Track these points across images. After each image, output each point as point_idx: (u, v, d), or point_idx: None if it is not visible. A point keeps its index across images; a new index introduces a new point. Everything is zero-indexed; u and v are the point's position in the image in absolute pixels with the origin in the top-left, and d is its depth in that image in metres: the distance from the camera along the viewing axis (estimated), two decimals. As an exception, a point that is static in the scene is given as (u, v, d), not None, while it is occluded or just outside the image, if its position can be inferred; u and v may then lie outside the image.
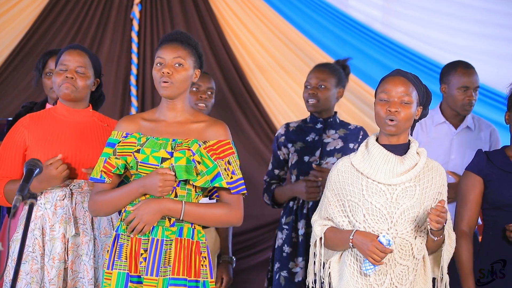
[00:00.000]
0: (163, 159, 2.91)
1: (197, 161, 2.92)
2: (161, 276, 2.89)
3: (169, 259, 2.90)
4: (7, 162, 3.36)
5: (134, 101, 5.56)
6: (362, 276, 2.98)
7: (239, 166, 3.01)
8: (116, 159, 2.95)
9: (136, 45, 5.59)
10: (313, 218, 3.13)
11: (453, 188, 3.67)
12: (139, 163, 2.92)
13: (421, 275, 3.03)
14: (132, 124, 3.01)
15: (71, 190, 3.29)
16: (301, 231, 4.03)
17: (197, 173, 2.92)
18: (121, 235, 2.95)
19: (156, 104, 5.31)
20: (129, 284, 2.90)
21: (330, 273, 3.07)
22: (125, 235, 2.94)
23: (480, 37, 5.39)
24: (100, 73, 3.47)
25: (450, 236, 3.03)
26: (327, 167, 4.02)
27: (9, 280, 3.23)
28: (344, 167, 3.06)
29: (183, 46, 2.99)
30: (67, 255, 3.25)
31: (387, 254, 2.89)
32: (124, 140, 2.97)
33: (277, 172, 4.20)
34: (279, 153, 4.18)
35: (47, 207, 3.27)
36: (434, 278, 3.09)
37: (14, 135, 3.37)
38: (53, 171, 3.20)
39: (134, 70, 5.58)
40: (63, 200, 3.27)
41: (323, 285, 3.11)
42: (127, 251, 2.93)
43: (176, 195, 2.94)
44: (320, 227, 3.07)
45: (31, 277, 3.22)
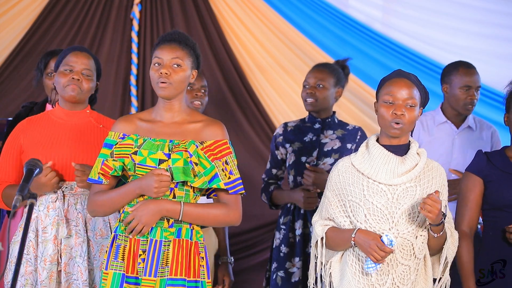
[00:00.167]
0: (161, 161, 2.90)
1: (194, 163, 2.91)
2: (159, 276, 2.90)
3: (167, 260, 2.91)
4: (5, 166, 3.38)
5: (134, 101, 5.56)
6: (364, 276, 2.98)
7: (237, 165, 3.01)
8: (113, 161, 2.95)
9: (136, 45, 5.59)
10: (313, 218, 3.13)
11: (456, 184, 3.67)
12: (137, 165, 2.92)
13: (422, 275, 3.03)
14: (129, 124, 3.01)
15: (63, 192, 3.29)
16: (298, 231, 4.04)
17: (195, 175, 2.92)
18: (119, 235, 2.95)
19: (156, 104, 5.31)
20: (125, 285, 2.90)
21: (331, 273, 3.07)
22: (123, 236, 2.94)
23: (480, 37, 5.39)
24: (100, 77, 3.48)
25: (452, 235, 3.03)
26: (323, 167, 4.03)
27: (7, 282, 3.23)
28: (344, 167, 3.06)
29: (181, 46, 2.99)
30: (60, 257, 3.25)
31: (388, 253, 2.88)
32: (121, 141, 2.97)
33: (274, 171, 4.21)
34: (277, 152, 4.19)
35: (41, 209, 3.27)
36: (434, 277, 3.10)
37: (12, 139, 3.39)
38: (42, 178, 3.19)
39: (134, 70, 5.58)
40: (56, 202, 3.27)
41: (323, 285, 3.11)
42: (124, 251, 2.93)
43: (174, 196, 2.94)
44: (321, 227, 3.06)
45: (25, 279, 3.22)
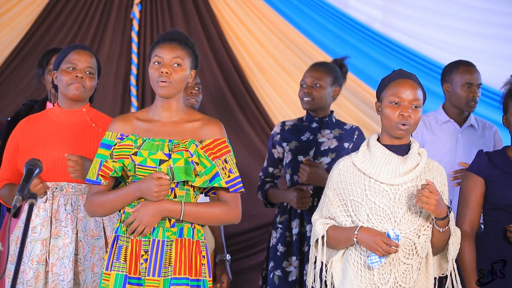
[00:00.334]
0: (161, 161, 2.90)
1: (195, 162, 2.92)
2: (163, 276, 2.89)
3: (170, 259, 2.90)
4: (5, 164, 3.40)
5: (134, 101, 5.56)
6: (366, 275, 2.98)
7: (236, 164, 3.01)
8: (113, 162, 2.93)
9: (136, 45, 5.59)
10: (313, 217, 3.13)
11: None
12: (137, 166, 2.91)
13: (423, 273, 3.03)
14: (126, 124, 2.99)
15: (53, 193, 3.29)
16: (295, 230, 4.04)
17: (196, 174, 2.92)
18: (121, 236, 2.94)
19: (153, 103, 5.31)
20: (127, 286, 2.89)
21: (332, 272, 3.07)
22: (125, 237, 2.93)
23: (480, 37, 5.40)
24: (99, 76, 3.49)
25: (455, 232, 3.04)
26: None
27: (5, 280, 3.24)
28: (346, 166, 3.06)
29: (181, 46, 2.99)
30: (48, 257, 3.24)
31: (395, 248, 2.88)
32: (120, 142, 2.95)
33: (271, 170, 4.21)
34: (273, 151, 4.19)
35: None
36: (435, 277, 3.10)
37: (11, 138, 3.41)
38: None
39: (134, 70, 5.58)
40: (45, 202, 3.28)
41: (321, 285, 3.11)
42: (126, 252, 2.92)
43: (175, 196, 2.94)
44: (322, 226, 3.06)
45: (18, 278, 3.21)
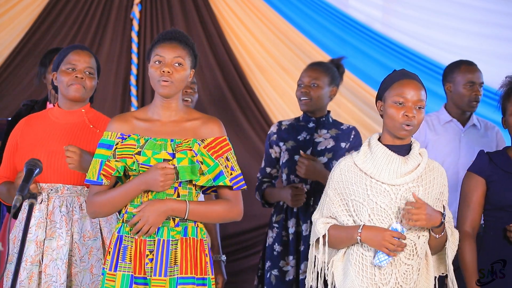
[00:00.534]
0: (165, 161, 2.90)
1: (200, 161, 2.92)
2: (169, 276, 2.89)
3: (176, 259, 2.91)
4: (4, 163, 3.41)
5: (134, 101, 5.56)
6: (367, 275, 2.98)
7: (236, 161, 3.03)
8: (116, 161, 2.93)
9: (136, 45, 5.59)
10: (313, 216, 3.13)
11: None
12: (140, 165, 2.91)
13: (424, 274, 3.03)
14: (125, 124, 2.98)
15: (48, 194, 3.29)
16: (291, 230, 4.04)
17: (202, 173, 2.92)
18: (125, 236, 2.94)
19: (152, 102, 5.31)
20: (134, 286, 2.89)
21: (333, 272, 3.07)
22: (128, 237, 2.93)
23: (480, 37, 5.40)
24: (99, 76, 3.48)
25: (453, 234, 3.04)
26: None
27: (4, 280, 3.24)
28: (347, 166, 3.06)
29: (182, 46, 2.98)
30: (42, 258, 3.24)
31: (403, 243, 2.89)
32: (122, 142, 2.95)
33: (269, 170, 4.21)
34: (271, 151, 4.19)
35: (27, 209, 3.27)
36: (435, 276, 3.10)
37: (11, 136, 3.42)
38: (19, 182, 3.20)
39: (134, 70, 5.58)
40: (41, 203, 3.28)
41: (319, 284, 3.11)
42: (131, 252, 2.92)
43: (178, 195, 2.94)
44: (323, 225, 3.06)
45: (9, 279, 3.23)
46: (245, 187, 3.01)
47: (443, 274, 3.10)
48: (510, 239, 3.27)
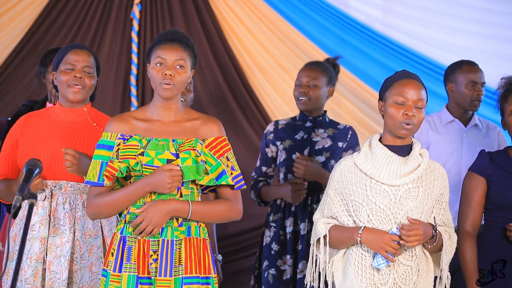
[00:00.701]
0: (169, 161, 2.90)
1: (204, 161, 2.92)
2: (174, 276, 2.89)
3: (180, 258, 2.91)
4: (3, 160, 3.39)
5: (134, 101, 5.56)
6: (366, 275, 2.98)
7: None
8: (119, 162, 2.92)
9: (136, 45, 5.59)
10: (314, 216, 3.14)
11: None
12: (144, 166, 2.90)
13: (424, 274, 3.03)
14: (125, 124, 2.97)
15: (51, 191, 3.29)
16: (289, 229, 4.04)
17: (206, 173, 2.93)
18: (128, 237, 2.93)
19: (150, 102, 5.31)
20: (139, 286, 2.88)
21: (333, 272, 3.07)
22: (132, 237, 2.92)
23: (480, 37, 5.40)
24: (99, 73, 3.48)
25: (451, 237, 3.05)
26: None
27: (4, 278, 3.24)
28: (347, 166, 3.06)
29: (183, 47, 2.98)
30: (46, 255, 3.24)
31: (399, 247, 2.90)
32: (125, 142, 2.93)
33: (264, 169, 4.21)
34: (267, 150, 4.19)
35: None
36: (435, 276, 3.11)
37: (11, 133, 3.41)
38: None
39: (134, 70, 5.58)
40: (44, 200, 3.28)
41: (320, 284, 3.11)
42: (135, 253, 2.91)
43: (181, 195, 2.94)
44: (324, 225, 3.06)
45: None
46: (245, 186, 3.02)
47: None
48: (510, 238, 3.27)
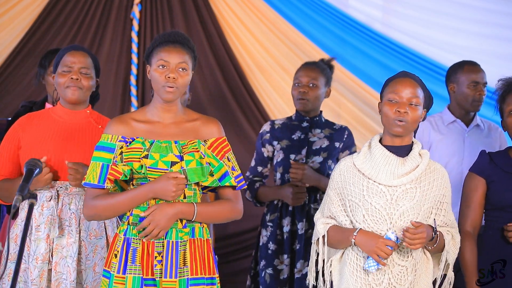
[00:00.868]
0: (173, 163, 2.90)
1: (208, 163, 2.93)
2: (179, 277, 2.90)
3: (185, 260, 2.91)
4: (2, 160, 3.38)
5: (134, 101, 5.56)
6: (361, 275, 2.99)
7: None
8: (123, 165, 2.90)
9: (136, 45, 5.59)
10: (315, 216, 3.15)
11: None
12: (148, 169, 2.89)
13: (422, 275, 3.03)
14: (125, 126, 2.96)
15: (57, 191, 3.29)
16: (286, 229, 4.04)
17: (211, 174, 2.94)
18: (133, 239, 2.92)
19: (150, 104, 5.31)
20: (144, 287, 2.89)
21: (331, 271, 3.08)
22: (136, 239, 2.92)
23: (480, 37, 5.40)
24: (99, 73, 3.48)
25: (454, 237, 3.05)
26: (312, 165, 4.04)
27: (5, 279, 3.24)
28: (346, 167, 3.07)
29: (185, 49, 2.97)
30: (52, 256, 3.24)
31: (392, 250, 2.90)
32: (129, 145, 2.91)
33: (260, 169, 4.20)
34: (263, 150, 4.18)
35: (35, 207, 3.26)
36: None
37: (10, 133, 3.39)
38: None
39: (134, 70, 5.58)
40: (50, 201, 3.27)
41: (318, 282, 3.12)
42: (139, 254, 2.91)
43: (184, 196, 2.94)
44: (323, 225, 3.08)
45: (19, 276, 3.22)
46: (246, 186, 3.03)
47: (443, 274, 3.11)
48: (507, 238, 3.27)
